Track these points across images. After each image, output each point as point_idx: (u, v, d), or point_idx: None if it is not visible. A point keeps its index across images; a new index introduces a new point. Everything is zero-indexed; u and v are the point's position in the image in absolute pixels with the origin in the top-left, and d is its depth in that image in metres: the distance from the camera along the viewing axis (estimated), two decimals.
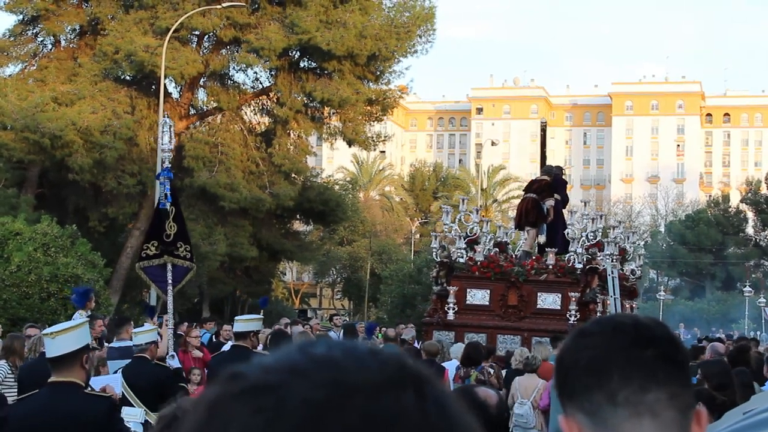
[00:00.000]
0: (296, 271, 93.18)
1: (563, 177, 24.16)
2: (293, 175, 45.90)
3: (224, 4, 41.19)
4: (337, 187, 57.52)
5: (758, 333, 51.61)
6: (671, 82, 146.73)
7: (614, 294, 21.22)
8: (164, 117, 14.20)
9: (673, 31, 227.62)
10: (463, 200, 25.59)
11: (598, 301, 20.83)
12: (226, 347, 17.64)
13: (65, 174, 40.76)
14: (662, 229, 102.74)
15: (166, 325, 13.61)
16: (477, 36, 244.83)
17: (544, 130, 27.83)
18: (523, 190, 23.98)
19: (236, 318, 13.03)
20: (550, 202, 22.48)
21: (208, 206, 43.31)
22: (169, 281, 13.19)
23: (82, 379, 6.79)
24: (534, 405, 13.70)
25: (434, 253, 23.34)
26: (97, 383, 8.26)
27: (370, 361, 1.10)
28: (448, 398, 1.11)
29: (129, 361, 11.62)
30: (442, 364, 15.50)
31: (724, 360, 12.35)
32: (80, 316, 16.57)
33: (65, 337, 6.81)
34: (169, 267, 13.24)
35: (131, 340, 12.71)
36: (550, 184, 22.76)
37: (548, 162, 26.27)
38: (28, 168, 42.38)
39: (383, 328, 24.56)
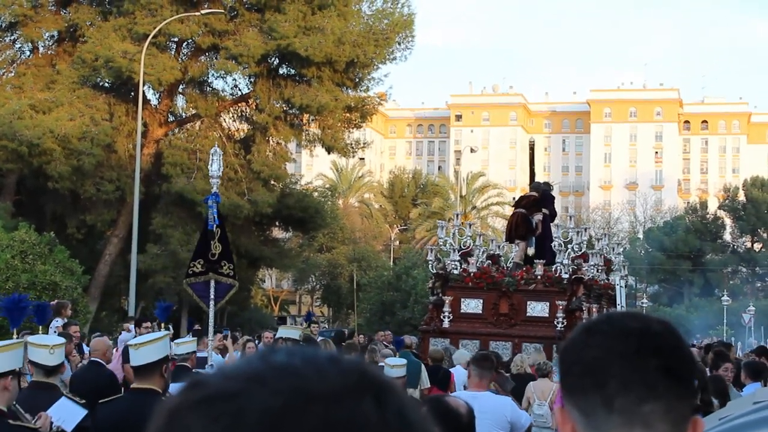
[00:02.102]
0: (275, 278, 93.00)
1: (551, 192, 25.52)
2: (272, 182, 45.83)
3: (203, 11, 41.16)
4: (316, 194, 57.51)
5: (731, 339, 51.87)
6: (649, 89, 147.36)
7: (621, 303, 22.47)
8: (215, 146, 15.18)
9: (651, 39, 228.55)
10: (456, 215, 27.08)
11: (583, 308, 22.05)
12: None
13: (43, 181, 40.62)
14: (641, 235, 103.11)
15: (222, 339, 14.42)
16: (456, 43, 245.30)
17: (532, 149, 29.34)
18: (513, 206, 25.51)
19: (280, 328, 14.25)
20: (538, 217, 23.87)
21: (186, 213, 43.17)
22: (212, 297, 14.06)
23: (161, 386, 7.25)
24: (551, 406, 14.19)
25: (430, 265, 24.61)
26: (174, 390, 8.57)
27: (330, 368, 1.09)
28: (409, 406, 1.11)
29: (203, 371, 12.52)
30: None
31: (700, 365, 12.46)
32: (57, 323, 16.64)
33: (148, 348, 7.37)
34: (212, 284, 14.14)
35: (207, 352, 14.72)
36: (538, 200, 24.14)
37: (536, 178, 27.48)
38: (6, 175, 42.22)
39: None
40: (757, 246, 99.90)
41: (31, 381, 8.08)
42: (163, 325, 14.61)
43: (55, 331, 15.73)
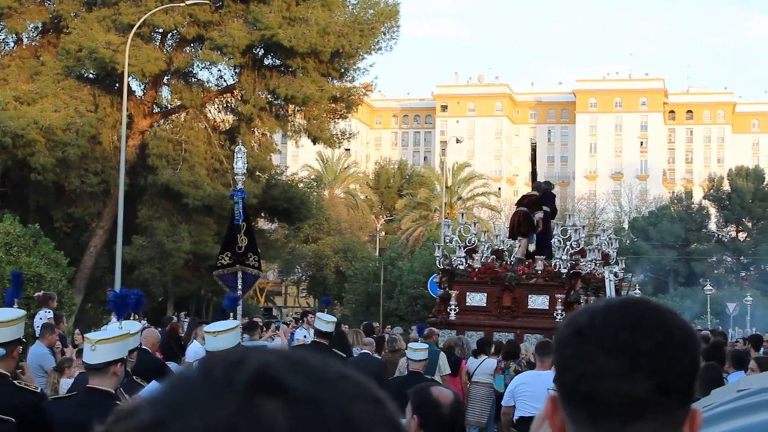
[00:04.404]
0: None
1: (551, 191, 26.86)
2: (257, 172, 45.74)
3: (187, 2, 41.04)
4: (301, 184, 57.41)
5: (718, 328, 51.99)
6: (634, 79, 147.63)
7: (610, 295, 23.92)
8: (239, 144, 16.26)
9: (636, 29, 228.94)
10: (462, 214, 29.80)
11: (581, 301, 23.05)
12: (194, 346, 17.64)
13: (27, 173, 40.48)
14: (626, 225, 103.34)
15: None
16: (442, 34, 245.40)
17: (534, 150, 30.44)
18: (515, 204, 26.87)
19: (318, 316, 14.60)
20: (539, 215, 25.16)
21: (172, 204, 43.14)
22: (239, 287, 15.08)
23: None
24: None
25: (438, 261, 26.00)
26: None
27: (212, 397, 1.06)
28: (321, 417, 1.06)
29: None
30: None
31: None
32: (46, 314, 16.72)
33: (225, 336, 8.51)
34: (240, 275, 15.22)
35: (264, 341, 16.54)
36: (539, 198, 25.47)
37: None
38: None
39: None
40: (741, 235, 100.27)
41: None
42: (231, 315, 15.21)
43: (41, 320, 15.89)
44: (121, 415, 1.09)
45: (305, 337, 21.32)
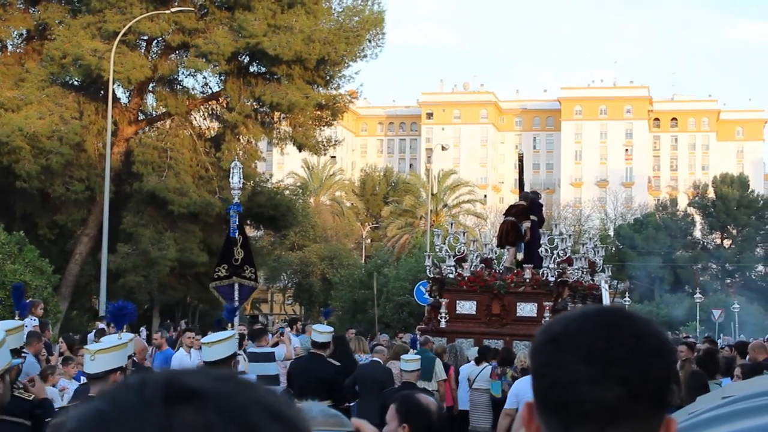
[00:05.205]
0: None
1: (539, 200, 27.32)
2: (242, 180, 45.65)
3: (172, 9, 41.00)
4: (287, 192, 57.34)
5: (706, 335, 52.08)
6: (619, 87, 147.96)
7: (606, 303, 24.08)
8: (235, 160, 16.83)
9: (621, 37, 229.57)
10: (451, 224, 30.35)
11: (568, 308, 23.25)
12: (179, 354, 17.60)
13: (12, 180, 40.36)
14: (611, 232, 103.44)
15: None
16: (427, 41, 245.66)
17: (521, 161, 30.87)
18: (504, 214, 27.30)
19: (314, 328, 14.87)
20: (526, 224, 25.55)
21: (157, 211, 43.05)
22: (236, 298, 15.55)
23: None
24: None
25: (428, 270, 26.56)
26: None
27: (133, 418, 1.12)
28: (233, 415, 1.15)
29: (271, 363, 15.01)
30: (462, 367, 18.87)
31: None
32: (31, 321, 16.68)
33: (220, 346, 9.04)
34: (236, 286, 15.69)
35: (271, 347, 16.97)
36: (526, 208, 25.85)
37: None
38: None
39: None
40: (726, 242, 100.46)
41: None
42: (230, 325, 15.37)
43: (27, 328, 15.86)
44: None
45: (300, 344, 21.27)
